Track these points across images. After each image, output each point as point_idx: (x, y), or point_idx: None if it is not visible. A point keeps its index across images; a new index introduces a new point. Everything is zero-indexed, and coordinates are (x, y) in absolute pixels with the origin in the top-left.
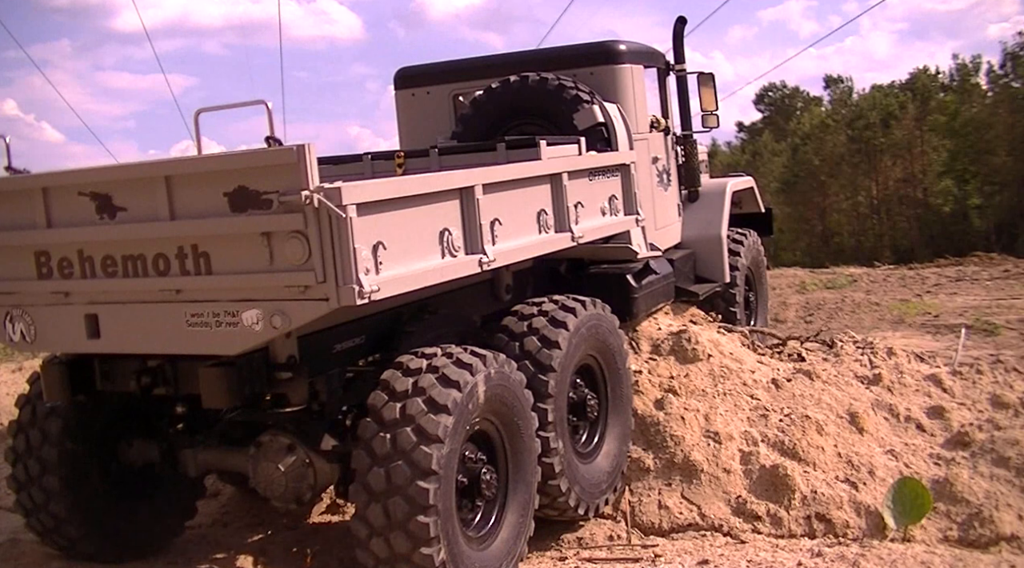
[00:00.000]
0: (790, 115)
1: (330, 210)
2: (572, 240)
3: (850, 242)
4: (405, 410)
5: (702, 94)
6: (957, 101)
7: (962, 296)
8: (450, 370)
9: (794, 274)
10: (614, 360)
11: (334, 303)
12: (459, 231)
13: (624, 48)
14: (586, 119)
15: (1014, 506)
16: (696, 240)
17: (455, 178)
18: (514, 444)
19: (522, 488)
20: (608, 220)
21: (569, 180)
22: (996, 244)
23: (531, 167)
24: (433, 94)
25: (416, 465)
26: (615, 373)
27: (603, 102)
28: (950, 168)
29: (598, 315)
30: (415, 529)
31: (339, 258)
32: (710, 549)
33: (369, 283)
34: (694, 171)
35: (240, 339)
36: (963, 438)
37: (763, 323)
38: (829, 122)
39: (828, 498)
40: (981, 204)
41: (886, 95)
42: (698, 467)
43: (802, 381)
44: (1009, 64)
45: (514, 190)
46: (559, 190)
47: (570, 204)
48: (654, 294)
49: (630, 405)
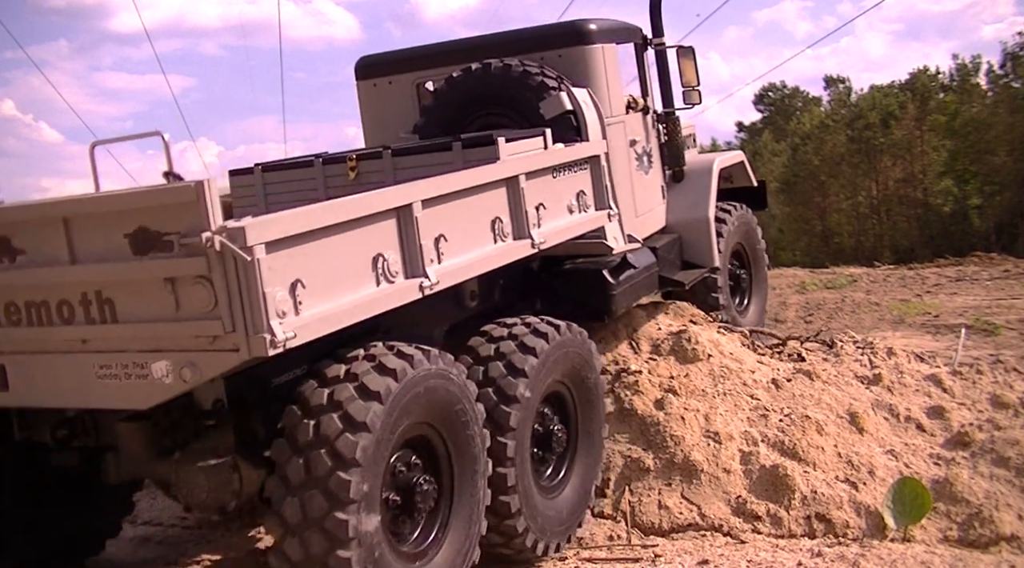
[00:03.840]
0: (790, 115)
1: (234, 253)
2: (533, 247)
3: (850, 242)
4: (333, 396)
5: (683, 69)
6: (957, 101)
7: (962, 296)
8: (386, 362)
9: (794, 274)
10: (587, 389)
11: (245, 354)
12: (396, 255)
13: (594, 27)
14: (553, 107)
15: (1014, 506)
16: (682, 223)
17: (386, 198)
18: (460, 455)
19: (467, 506)
20: (576, 218)
21: (528, 181)
22: (996, 244)
23: (480, 174)
24: (396, 84)
25: (338, 455)
26: (588, 403)
27: (572, 88)
28: (950, 168)
29: (572, 341)
30: (332, 527)
31: (248, 304)
32: (710, 549)
33: (284, 330)
34: (678, 150)
35: (151, 392)
36: (963, 438)
37: (760, 308)
38: (829, 122)
39: (828, 498)
40: (981, 204)
41: (886, 95)
42: (698, 467)
43: (802, 381)
44: (1009, 64)
45: (462, 200)
46: (516, 193)
47: (529, 207)
48: (634, 288)
49: (602, 437)
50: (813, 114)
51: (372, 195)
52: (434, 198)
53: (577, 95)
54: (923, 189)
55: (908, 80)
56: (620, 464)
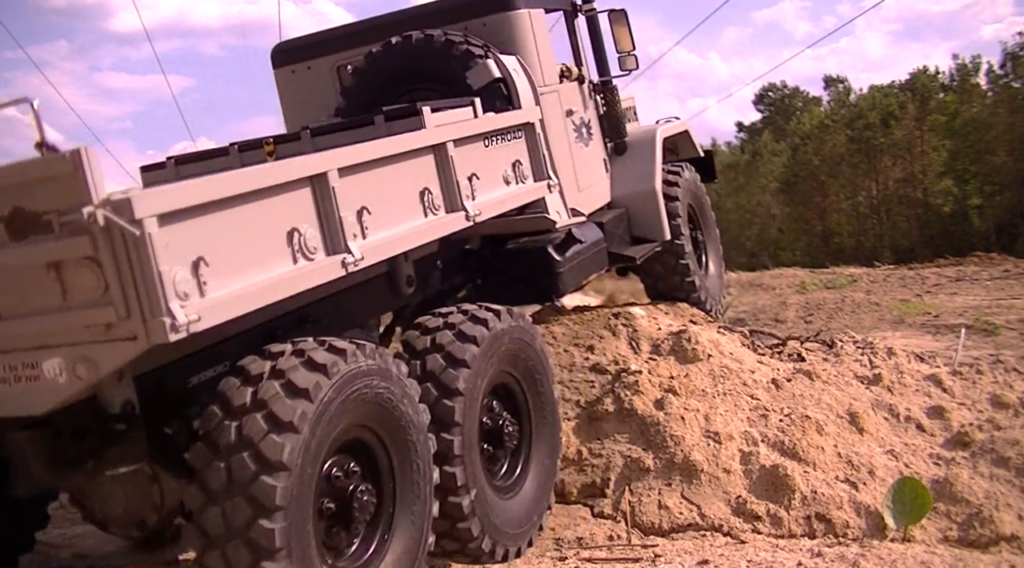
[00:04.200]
0: (790, 115)
1: (122, 228)
2: (467, 219)
3: (850, 242)
4: (257, 395)
5: (616, 34)
6: (957, 101)
7: (962, 296)
8: (315, 357)
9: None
10: (536, 378)
11: (143, 342)
12: (314, 229)
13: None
14: (481, 76)
15: (1014, 506)
16: (628, 197)
17: (297, 166)
18: (403, 461)
19: (411, 517)
20: (513, 190)
21: (456, 149)
22: (996, 244)
23: (401, 141)
24: (315, 69)
25: (263, 458)
26: (538, 394)
27: (499, 55)
28: (950, 168)
29: (515, 327)
30: (257, 537)
31: (142, 286)
32: (710, 549)
33: (186, 313)
34: (617, 120)
35: (46, 395)
36: (963, 438)
37: (719, 267)
38: (828, 122)
39: (828, 498)
40: (981, 204)
41: (886, 95)
42: (698, 467)
43: (802, 381)
44: (1009, 64)
45: (384, 170)
46: (445, 163)
47: (461, 177)
48: (583, 265)
49: (558, 430)
50: (813, 114)
51: (282, 163)
52: (352, 167)
53: (506, 62)
54: (923, 189)
55: (908, 80)
56: (620, 464)
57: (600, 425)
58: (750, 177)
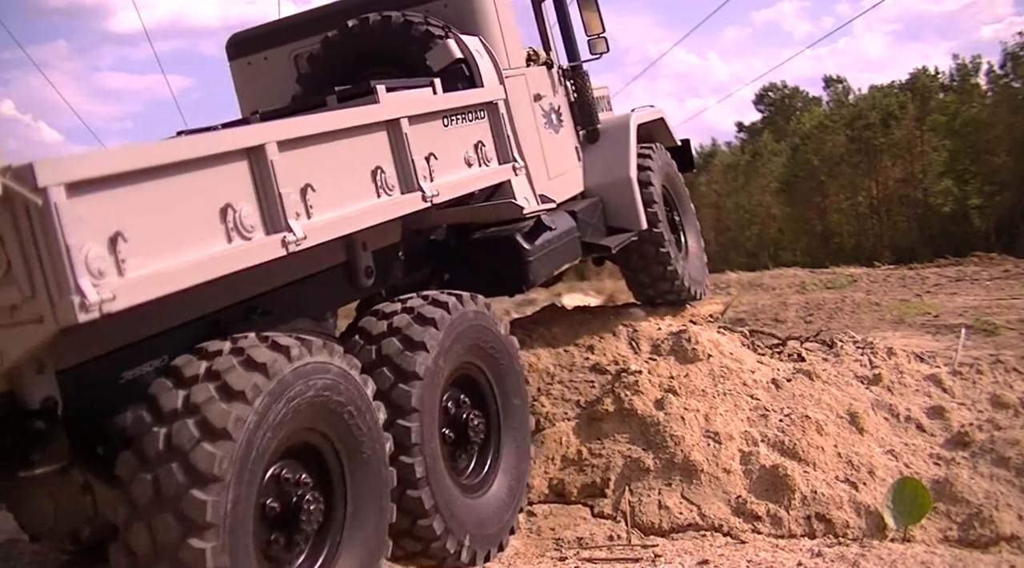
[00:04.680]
0: (790, 115)
1: (24, 197)
2: (424, 200)
3: (850, 242)
4: (190, 399)
5: (585, 17)
6: (957, 101)
7: (962, 296)
8: (255, 355)
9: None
10: (502, 367)
11: (51, 325)
12: (251, 206)
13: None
14: (441, 57)
15: (1014, 506)
16: (602, 186)
17: (230, 138)
18: (355, 467)
19: (366, 527)
20: (476, 172)
21: (412, 126)
22: (996, 244)
23: (350, 116)
24: (272, 59)
25: (194, 470)
26: (505, 384)
27: (461, 36)
28: (950, 168)
29: (478, 313)
30: (186, 558)
31: (48, 262)
32: (710, 549)
33: (99, 292)
34: (589, 107)
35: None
36: (963, 438)
37: (698, 248)
38: (828, 123)
39: (828, 498)
40: (981, 204)
41: (886, 95)
42: (698, 467)
43: (802, 381)
44: (1009, 64)
45: (332, 145)
46: (399, 141)
47: (417, 157)
48: (554, 254)
49: (527, 425)
50: (813, 114)
51: (213, 134)
52: (294, 141)
53: (468, 43)
54: (923, 189)
55: (908, 80)
56: (620, 464)
57: (600, 425)
58: (750, 177)
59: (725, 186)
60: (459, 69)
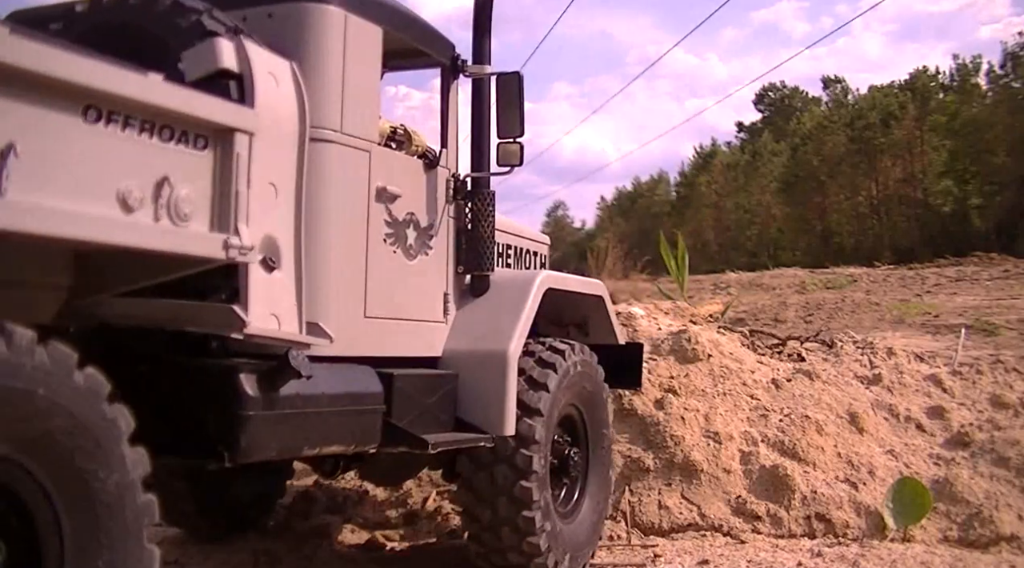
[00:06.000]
0: (790, 115)
1: None
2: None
3: (850, 242)
4: None
5: (501, 116)
6: (957, 101)
7: (962, 296)
8: None
9: (794, 274)
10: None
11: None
12: None
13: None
14: (200, 61)
15: (1014, 506)
16: (464, 356)
17: None
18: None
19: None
20: (134, 221)
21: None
22: (996, 244)
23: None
24: None
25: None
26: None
27: (255, 46)
28: (950, 168)
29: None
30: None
31: None
32: (710, 549)
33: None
34: (483, 244)
35: None
36: (963, 438)
37: (597, 516)
38: (827, 123)
39: (828, 498)
40: (981, 204)
41: (886, 95)
42: (698, 467)
43: (802, 381)
44: (1009, 64)
45: None
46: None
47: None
48: (300, 425)
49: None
50: (813, 114)
51: None
52: None
53: (256, 55)
54: (923, 189)
55: (908, 80)
56: (620, 464)
57: None
58: (750, 177)
59: (725, 186)
60: (224, 86)
